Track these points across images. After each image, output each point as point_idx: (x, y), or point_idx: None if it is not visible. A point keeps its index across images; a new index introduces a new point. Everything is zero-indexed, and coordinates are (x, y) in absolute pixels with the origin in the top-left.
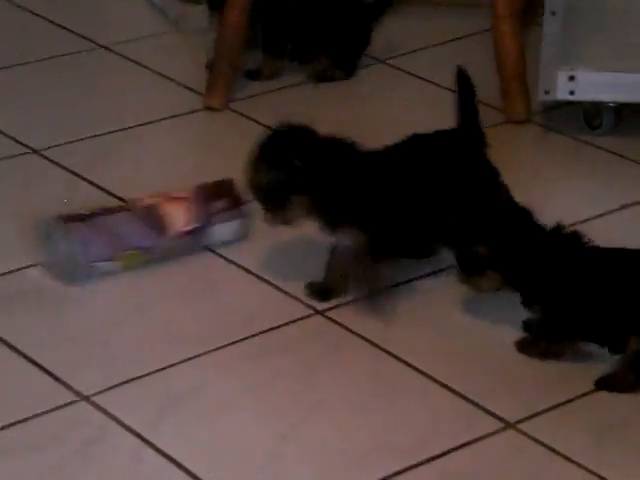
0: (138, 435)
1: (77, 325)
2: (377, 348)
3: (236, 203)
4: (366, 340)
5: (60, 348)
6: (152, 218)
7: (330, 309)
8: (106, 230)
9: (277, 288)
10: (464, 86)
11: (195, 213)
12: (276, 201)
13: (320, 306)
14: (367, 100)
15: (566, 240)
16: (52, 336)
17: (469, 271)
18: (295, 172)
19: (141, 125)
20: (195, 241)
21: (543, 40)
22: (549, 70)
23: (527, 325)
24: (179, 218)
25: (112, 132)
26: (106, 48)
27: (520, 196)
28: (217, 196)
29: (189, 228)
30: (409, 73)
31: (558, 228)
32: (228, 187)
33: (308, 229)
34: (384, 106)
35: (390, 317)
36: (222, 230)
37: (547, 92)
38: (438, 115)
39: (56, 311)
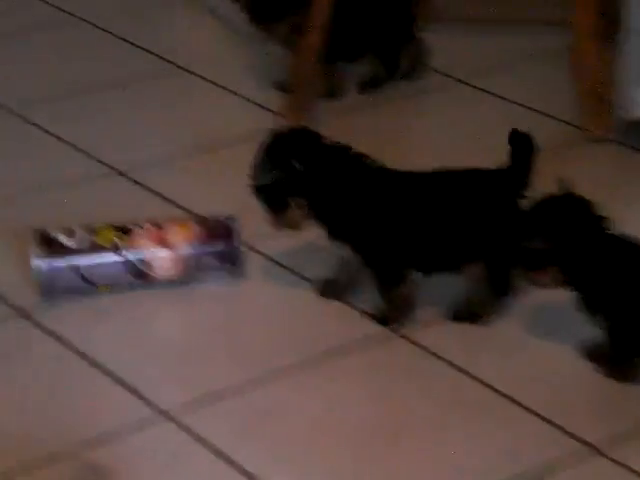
0: (219, 452)
1: (156, 341)
2: (458, 370)
3: (227, 257)
4: (447, 362)
5: (141, 364)
6: (137, 265)
7: (410, 331)
8: (81, 271)
9: (355, 308)
10: (522, 143)
11: (182, 266)
12: (275, 203)
13: (400, 327)
14: (439, 117)
15: (632, 246)
16: (132, 352)
17: (528, 266)
18: (293, 174)
19: (220, 146)
20: (173, 283)
21: (622, 57)
22: (628, 88)
23: (589, 351)
24: (164, 269)
25: (193, 153)
26: (185, 69)
27: None
28: (210, 249)
29: (170, 278)
30: (485, 91)
31: (625, 235)
32: (226, 234)
33: None
34: (459, 124)
35: (471, 339)
36: (204, 277)
37: (626, 110)
38: None
39: (135, 327)
